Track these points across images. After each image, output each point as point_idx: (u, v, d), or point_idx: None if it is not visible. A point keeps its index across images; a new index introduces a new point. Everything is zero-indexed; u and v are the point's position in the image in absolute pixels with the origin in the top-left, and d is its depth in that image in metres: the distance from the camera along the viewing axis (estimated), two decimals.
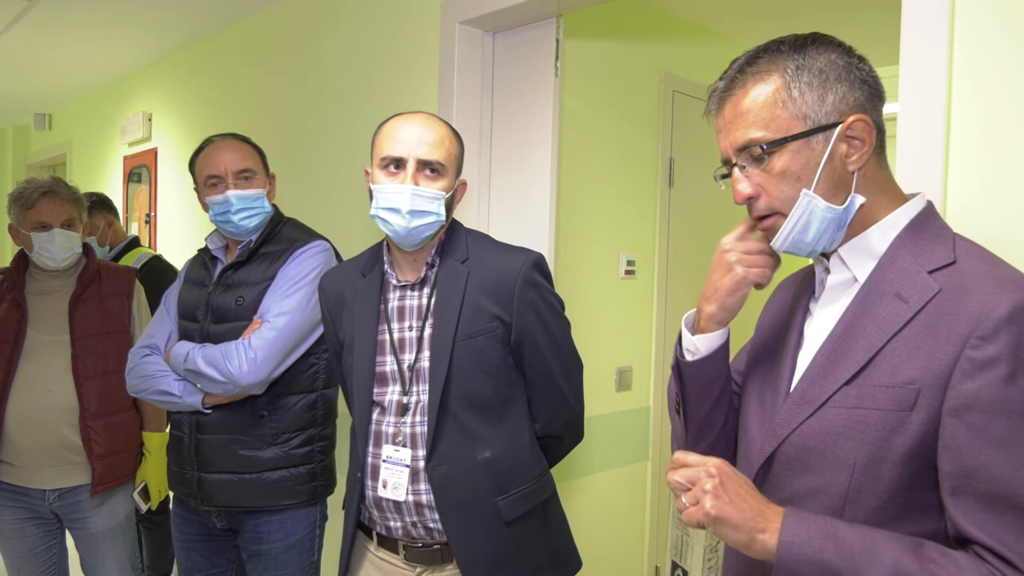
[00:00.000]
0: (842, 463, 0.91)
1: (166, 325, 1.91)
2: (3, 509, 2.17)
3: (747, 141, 0.96)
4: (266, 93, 3.15)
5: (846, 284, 0.99)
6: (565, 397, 1.54)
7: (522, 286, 1.44)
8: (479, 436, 1.44)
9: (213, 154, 1.85)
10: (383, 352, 1.49)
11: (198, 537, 1.92)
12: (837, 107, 0.94)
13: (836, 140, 0.94)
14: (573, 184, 2.58)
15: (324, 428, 1.90)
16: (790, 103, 0.94)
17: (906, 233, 0.95)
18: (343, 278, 1.59)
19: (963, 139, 1.21)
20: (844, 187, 0.95)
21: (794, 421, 0.97)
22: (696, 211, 3.13)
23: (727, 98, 0.99)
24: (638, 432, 2.94)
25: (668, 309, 3.02)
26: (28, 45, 3.86)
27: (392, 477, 1.44)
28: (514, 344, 1.46)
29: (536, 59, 2.15)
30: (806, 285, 1.09)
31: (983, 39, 1.19)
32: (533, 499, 1.49)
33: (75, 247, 2.19)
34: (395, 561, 1.50)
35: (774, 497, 0.98)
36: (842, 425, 0.92)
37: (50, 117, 5.58)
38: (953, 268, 0.90)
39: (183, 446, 1.86)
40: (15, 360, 2.11)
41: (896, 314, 0.91)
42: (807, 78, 0.94)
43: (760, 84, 0.96)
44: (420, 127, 1.43)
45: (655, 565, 3.05)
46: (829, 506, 0.93)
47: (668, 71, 2.98)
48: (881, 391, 0.89)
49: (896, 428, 0.88)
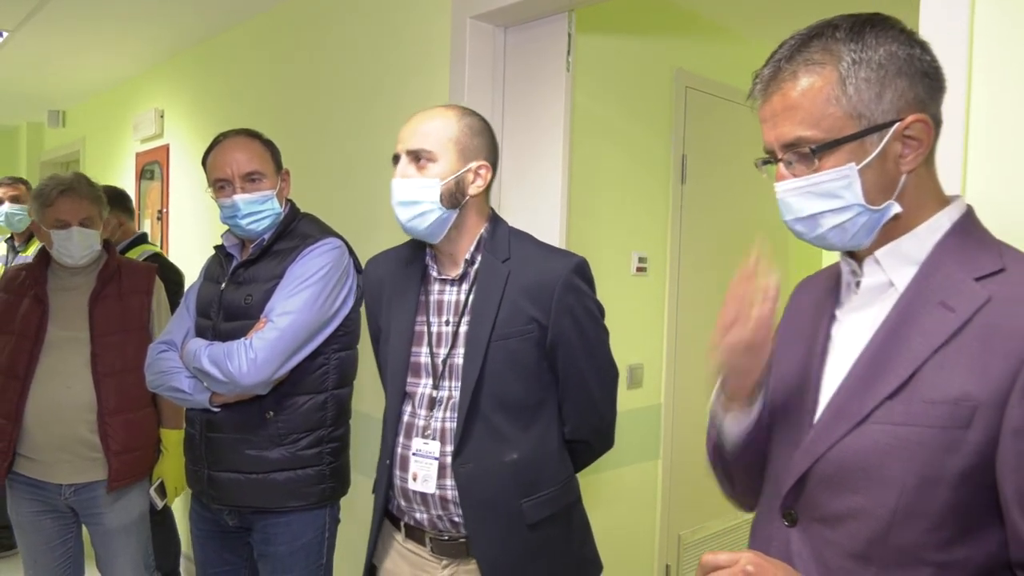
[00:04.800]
0: (889, 484, 0.85)
1: (184, 321, 1.92)
2: (21, 501, 2.20)
3: (796, 139, 0.90)
4: (278, 89, 3.14)
5: (881, 289, 0.94)
6: (596, 404, 1.52)
7: (562, 290, 1.42)
8: (507, 437, 1.43)
9: (220, 156, 1.84)
10: (419, 343, 1.49)
11: (212, 533, 1.93)
12: (895, 104, 0.87)
13: (891, 139, 0.87)
14: (585, 180, 2.56)
15: (335, 429, 1.87)
16: (844, 100, 0.87)
17: (949, 239, 0.90)
18: (386, 266, 1.61)
19: (982, 132, 1.19)
20: (890, 188, 0.89)
21: (832, 437, 0.90)
22: (709, 208, 3.10)
23: (775, 87, 0.91)
24: (649, 430, 2.93)
25: (680, 306, 3.00)
26: (42, 43, 3.88)
27: (422, 470, 1.45)
28: (549, 347, 1.44)
29: (548, 54, 2.14)
30: (830, 289, 1.03)
31: (1003, 31, 1.17)
32: (558, 503, 1.48)
33: (94, 245, 2.21)
34: (422, 553, 1.50)
35: (808, 518, 0.93)
36: (888, 443, 0.85)
37: (64, 114, 5.61)
38: (1003, 276, 0.85)
39: (195, 443, 1.86)
40: (36, 355, 2.14)
41: (942, 324, 0.85)
42: (865, 73, 0.86)
43: (812, 75, 0.88)
44: (417, 120, 1.46)
45: (665, 564, 3.03)
46: (873, 528, 0.87)
47: (681, 67, 2.95)
48: (932, 407, 0.83)
49: (951, 447, 0.82)
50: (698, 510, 3.09)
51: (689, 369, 3.03)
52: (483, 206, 1.52)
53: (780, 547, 0.97)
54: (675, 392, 2.99)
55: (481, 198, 1.50)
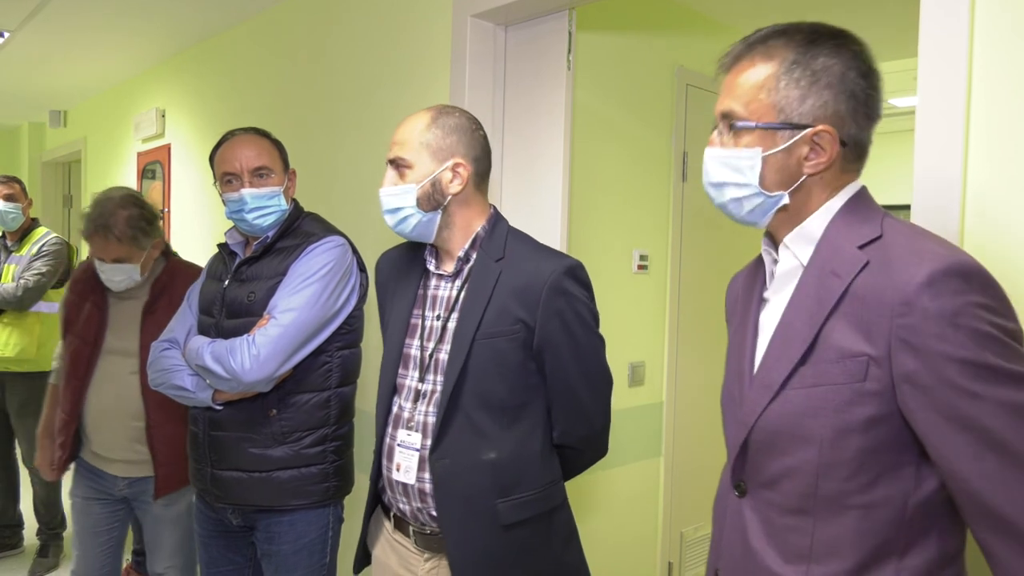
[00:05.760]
0: (810, 441, 0.95)
1: (187, 319, 1.92)
2: (79, 486, 2.31)
3: (727, 111, 1.03)
4: (279, 88, 3.15)
5: (794, 271, 1.04)
6: (585, 410, 1.49)
7: (549, 292, 1.41)
8: (488, 436, 1.42)
9: (229, 151, 1.84)
10: (412, 336, 1.53)
11: (215, 533, 1.93)
12: (813, 111, 0.98)
13: (799, 141, 0.98)
14: (585, 178, 2.56)
15: (338, 427, 1.88)
16: (774, 93, 0.99)
17: (840, 216, 1.00)
18: (395, 260, 1.64)
19: (983, 133, 1.19)
20: (787, 181, 1.01)
21: (758, 407, 1.01)
22: (710, 206, 3.05)
23: (735, 65, 1.04)
24: (651, 428, 2.93)
25: (681, 304, 3.00)
26: (43, 43, 3.89)
27: (404, 461, 1.48)
28: (536, 350, 1.43)
29: (548, 53, 2.14)
30: (757, 276, 1.14)
31: (1003, 32, 1.17)
32: (536, 507, 1.46)
33: (132, 275, 2.18)
34: (407, 544, 1.52)
35: (754, 485, 1.04)
36: (803, 404, 0.96)
37: (65, 114, 5.62)
38: (880, 242, 0.95)
39: (198, 442, 1.86)
40: (94, 361, 2.20)
41: (831, 290, 0.95)
42: (798, 74, 0.98)
43: (761, 64, 1.00)
44: (399, 126, 1.49)
45: (668, 561, 3.04)
46: (804, 483, 0.97)
47: (682, 65, 2.96)
48: (833, 367, 0.93)
49: (853, 400, 0.92)
50: (700, 508, 3.09)
51: (691, 367, 3.03)
52: (477, 202, 1.51)
53: (735, 518, 1.07)
54: (676, 390, 3.00)
55: (472, 194, 1.49)
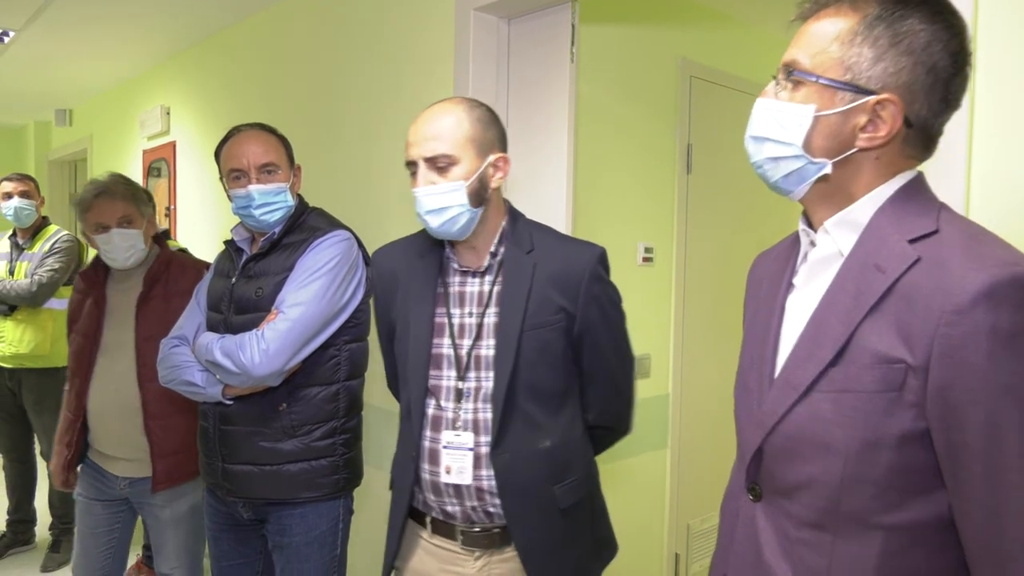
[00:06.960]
0: (835, 452, 0.85)
1: (196, 316, 1.93)
2: (84, 486, 2.30)
3: (790, 60, 0.91)
4: (283, 84, 3.16)
5: (832, 259, 0.93)
6: (620, 390, 1.57)
7: (590, 280, 1.46)
8: (541, 425, 1.45)
9: (236, 147, 1.85)
10: (440, 335, 1.49)
11: (226, 526, 1.95)
12: (884, 76, 0.86)
13: (859, 108, 0.87)
14: (590, 171, 2.57)
15: (347, 420, 1.89)
16: (846, 47, 0.87)
17: (890, 204, 0.89)
18: (398, 258, 1.59)
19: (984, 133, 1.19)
20: (835, 150, 0.89)
21: (781, 409, 0.91)
22: (714, 198, 3.10)
23: (816, 11, 0.92)
24: (657, 420, 2.94)
25: (687, 296, 3.00)
26: (48, 42, 3.90)
27: (455, 462, 1.44)
28: (576, 336, 1.46)
29: (552, 45, 2.14)
30: (788, 258, 1.03)
31: (1007, 25, 1.17)
32: (584, 487, 1.51)
33: (137, 244, 2.19)
34: (452, 547, 1.49)
35: (769, 491, 0.95)
36: (831, 411, 0.86)
37: (71, 113, 5.64)
38: (935, 237, 0.84)
39: (208, 437, 1.88)
40: (94, 356, 2.20)
41: (873, 286, 0.85)
42: (879, 32, 0.86)
43: (841, 15, 0.88)
44: (425, 123, 1.42)
45: (675, 552, 3.05)
46: (825, 497, 0.87)
47: (685, 56, 2.95)
48: (866, 372, 0.83)
49: (888, 410, 0.82)
50: (707, 499, 3.10)
51: (696, 359, 3.03)
52: (499, 196, 1.52)
53: (747, 525, 0.98)
54: (683, 382, 3.00)
55: (498, 190, 1.50)
